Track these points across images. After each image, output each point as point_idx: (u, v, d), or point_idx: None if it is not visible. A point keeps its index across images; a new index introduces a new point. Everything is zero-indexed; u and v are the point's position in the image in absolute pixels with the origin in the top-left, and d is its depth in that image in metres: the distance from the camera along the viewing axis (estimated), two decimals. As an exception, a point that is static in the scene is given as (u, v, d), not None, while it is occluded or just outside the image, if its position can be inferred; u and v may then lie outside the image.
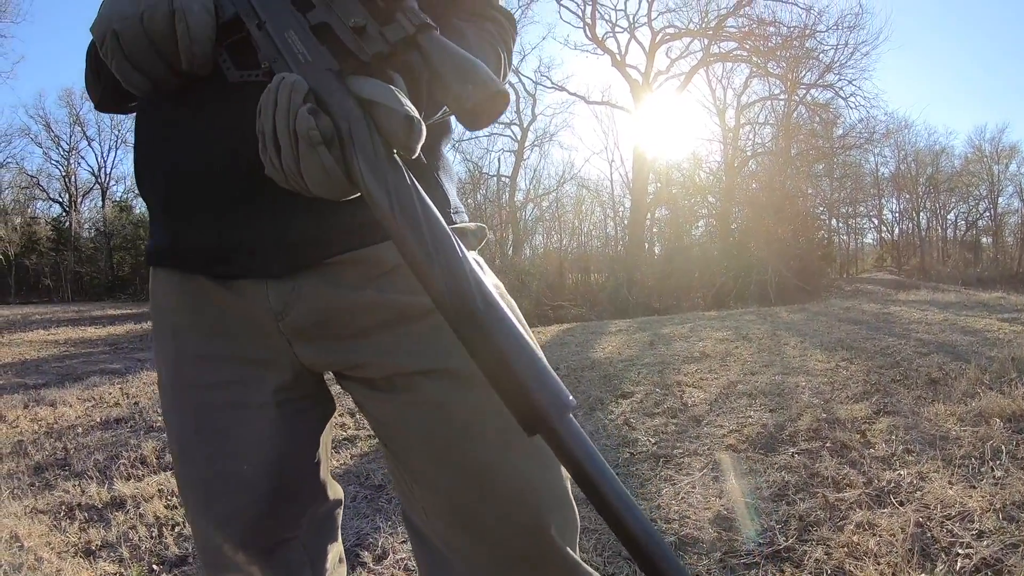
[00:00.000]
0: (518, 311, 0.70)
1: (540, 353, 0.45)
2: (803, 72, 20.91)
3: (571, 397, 0.43)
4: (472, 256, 0.73)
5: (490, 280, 0.70)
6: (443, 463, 0.70)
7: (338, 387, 0.82)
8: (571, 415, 0.43)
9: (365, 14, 0.57)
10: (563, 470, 0.72)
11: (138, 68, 0.62)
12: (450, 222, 0.75)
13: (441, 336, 0.68)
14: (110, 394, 4.94)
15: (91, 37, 0.65)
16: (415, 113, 0.51)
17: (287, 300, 0.71)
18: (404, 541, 2.05)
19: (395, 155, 0.52)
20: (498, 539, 0.70)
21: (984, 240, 36.29)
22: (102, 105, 0.77)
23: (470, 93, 0.52)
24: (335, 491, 0.88)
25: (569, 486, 0.73)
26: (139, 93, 0.65)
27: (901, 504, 2.03)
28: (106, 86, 0.71)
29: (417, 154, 0.52)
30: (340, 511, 0.91)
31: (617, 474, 0.43)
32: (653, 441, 2.90)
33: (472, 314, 0.45)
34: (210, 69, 0.63)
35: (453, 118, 0.80)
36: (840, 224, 32.97)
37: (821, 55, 20.38)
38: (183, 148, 0.70)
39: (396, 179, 0.50)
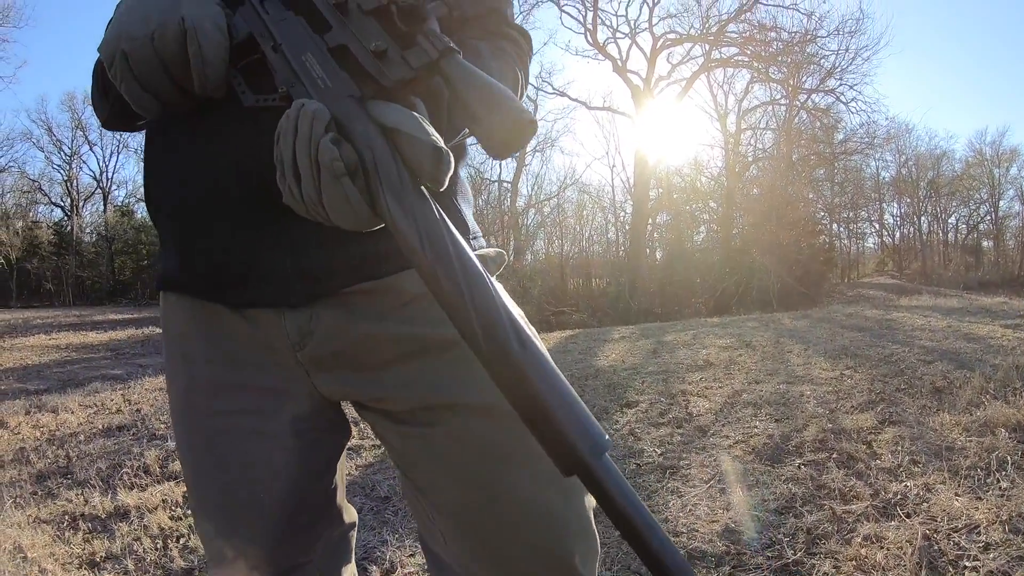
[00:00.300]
0: (539, 339, 0.69)
1: (574, 392, 0.44)
2: (804, 77, 20.95)
3: (607, 437, 0.43)
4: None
5: (515, 311, 0.69)
6: (468, 496, 0.69)
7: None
8: (607, 455, 0.42)
9: (386, 37, 0.55)
10: (588, 498, 0.71)
11: (148, 90, 0.60)
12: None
13: (464, 368, 0.67)
14: (112, 400, 4.94)
15: (98, 53, 0.63)
16: (442, 144, 0.49)
17: (305, 330, 0.69)
18: (412, 555, 2.04)
19: (422, 187, 0.50)
20: (522, 569, 0.69)
21: (985, 244, 36.33)
22: (109, 123, 0.75)
23: (497, 123, 0.50)
24: (350, 514, 0.88)
25: (592, 515, 0.72)
26: (149, 115, 0.63)
27: (908, 516, 2.02)
28: (114, 105, 0.70)
29: (445, 186, 0.50)
30: (354, 533, 0.90)
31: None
32: (659, 452, 2.89)
33: (508, 355, 0.43)
34: (223, 91, 0.61)
35: (469, 139, 0.78)
36: (841, 229, 32.99)
37: (822, 60, 20.43)
38: (195, 172, 0.69)
39: (424, 213, 0.48)
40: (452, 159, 0.50)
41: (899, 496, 2.17)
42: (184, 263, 0.73)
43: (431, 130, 0.50)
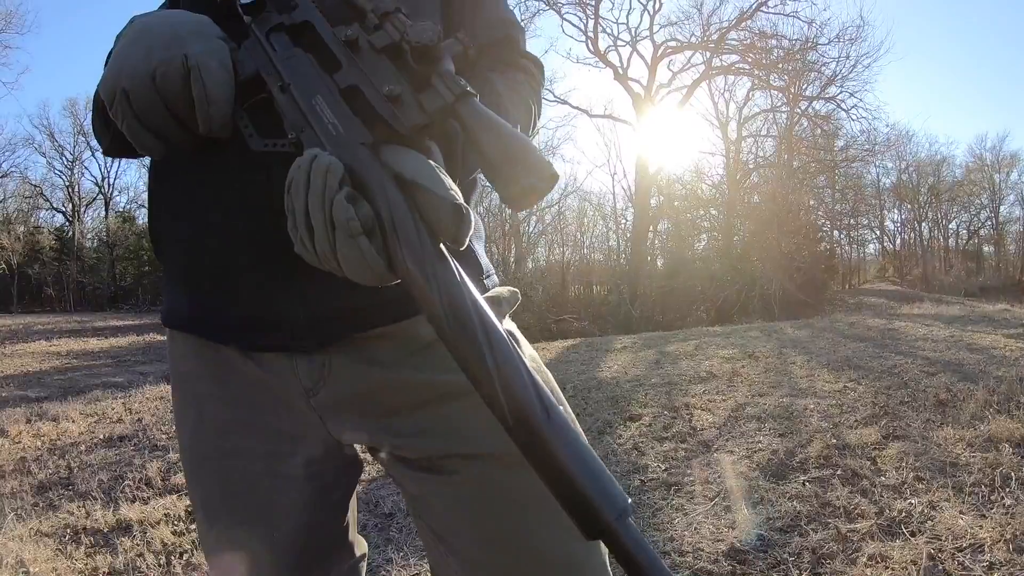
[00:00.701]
0: (553, 383, 0.68)
1: (597, 456, 0.43)
2: (805, 85, 20.99)
3: (628, 500, 0.42)
4: (506, 328, 0.71)
5: (528, 352, 0.69)
6: (487, 544, 0.68)
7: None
8: (630, 518, 0.42)
9: (400, 79, 0.53)
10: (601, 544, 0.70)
11: (150, 130, 0.57)
12: (483, 289, 0.72)
13: (481, 417, 0.65)
14: (113, 409, 4.92)
15: (97, 89, 0.61)
16: (462, 200, 0.47)
17: (317, 377, 0.68)
18: (416, 574, 2.03)
19: (441, 246, 0.48)
20: None
21: (986, 249, 36.38)
22: (110, 151, 0.73)
23: (518, 175, 0.48)
24: (360, 546, 0.87)
25: (608, 560, 0.71)
26: (153, 155, 0.61)
27: (913, 535, 2.02)
28: (115, 137, 0.67)
29: (465, 245, 0.49)
30: (364, 564, 0.89)
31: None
32: (663, 468, 2.88)
33: (534, 426, 0.42)
34: (229, 131, 0.58)
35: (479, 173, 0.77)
36: (842, 235, 33.02)
37: (823, 68, 20.47)
38: (203, 214, 0.67)
39: (445, 275, 0.46)
40: (472, 217, 0.48)
41: (904, 514, 2.17)
42: (191, 304, 0.72)
43: (450, 183, 0.48)
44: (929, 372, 4.45)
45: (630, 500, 0.43)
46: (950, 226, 36.72)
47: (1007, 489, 2.28)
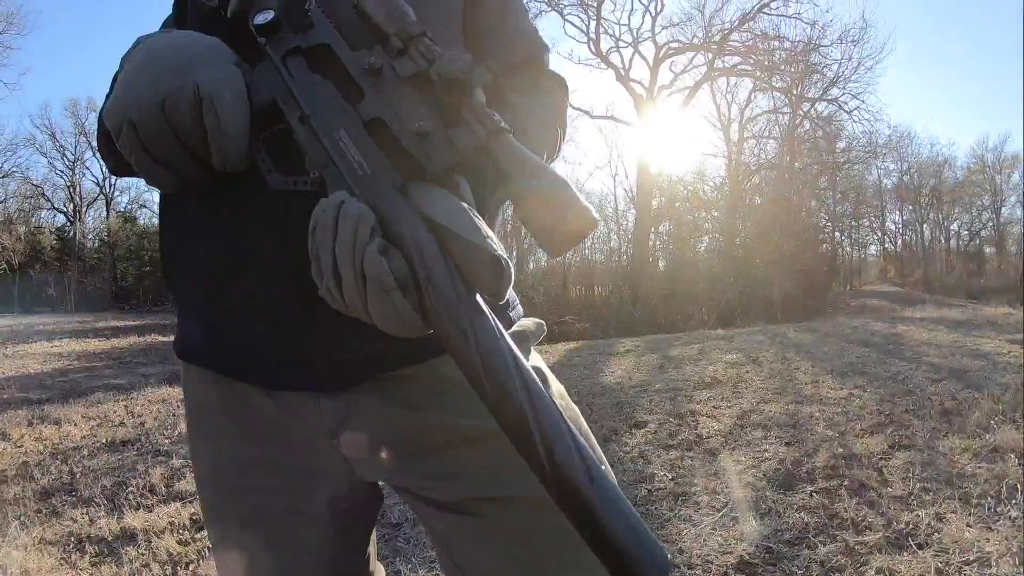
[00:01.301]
0: (581, 419, 0.67)
1: (637, 514, 0.42)
2: (807, 87, 21.01)
3: (667, 555, 0.42)
4: (533, 364, 0.70)
5: (555, 389, 0.68)
6: None
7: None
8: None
9: (428, 113, 0.50)
10: None
11: (161, 163, 0.54)
12: (508, 322, 0.70)
13: (509, 460, 0.63)
14: (115, 412, 4.90)
15: (101, 117, 0.58)
16: (500, 251, 0.45)
17: (342, 417, 0.66)
18: (423, 587, 2.02)
19: (478, 297, 0.46)
20: None
21: (987, 250, 36.44)
22: (118, 172, 0.69)
23: (558, 223, 0.46)
24: (379, 574, 0.86)
25: None
26: (164, 189, 0.57)
27: (920, 548, 2.01)
28: (121, 160, 0.62)
29: (504, 299, 0.46)
30: None
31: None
32: (670, 477, 2.87)
33: (575, 488, 0.41)
34: (246, 164, 0.55)
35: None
36: (843, 236, 33.05)
37: (825, 69, 20.50)
38: (219, 247, 0.64)
39: (484, 329, 0.44)
40: (512, 270, 0.46)
41: (911, 526, 2.16)
42: (207, 338, 0.69)
43: (486, 230, 0.46)
44: (934, 379, 4.45)
45: (668, 556, 0.42)
46: (951, 227, 36.86)
47: (1013, 501, 2.27)
